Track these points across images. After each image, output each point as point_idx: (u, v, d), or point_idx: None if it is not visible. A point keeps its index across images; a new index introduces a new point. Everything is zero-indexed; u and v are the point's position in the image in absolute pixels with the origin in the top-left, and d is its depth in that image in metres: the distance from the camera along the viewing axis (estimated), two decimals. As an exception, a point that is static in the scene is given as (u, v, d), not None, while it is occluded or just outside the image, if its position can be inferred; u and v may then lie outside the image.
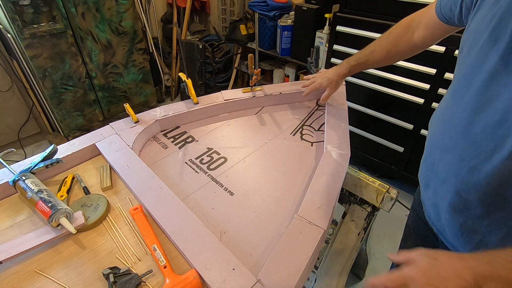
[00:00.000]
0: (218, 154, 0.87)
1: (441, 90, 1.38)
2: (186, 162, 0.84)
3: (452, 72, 1.31)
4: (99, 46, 2.00)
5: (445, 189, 0.55)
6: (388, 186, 0.84)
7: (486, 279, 0.37)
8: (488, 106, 0.46)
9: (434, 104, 1.43)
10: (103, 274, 0.53)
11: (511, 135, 0.42)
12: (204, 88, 2.76)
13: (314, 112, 1.05)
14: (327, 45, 1.78)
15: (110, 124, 0.90)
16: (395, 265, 0.54)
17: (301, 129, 0.97)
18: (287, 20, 2.07)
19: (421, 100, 1.46)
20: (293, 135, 0.94)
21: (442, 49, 1.30)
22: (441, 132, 0.57)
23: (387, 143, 1.69)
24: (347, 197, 0.94)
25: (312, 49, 1.05)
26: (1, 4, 1.57)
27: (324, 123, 0.97)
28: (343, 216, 0.98)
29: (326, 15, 1.79)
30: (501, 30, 0.43)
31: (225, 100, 1.02)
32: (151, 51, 2.64)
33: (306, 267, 0.55)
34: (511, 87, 0.43)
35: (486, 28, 0.46)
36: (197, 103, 1.00)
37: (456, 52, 1.27)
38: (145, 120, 0.92)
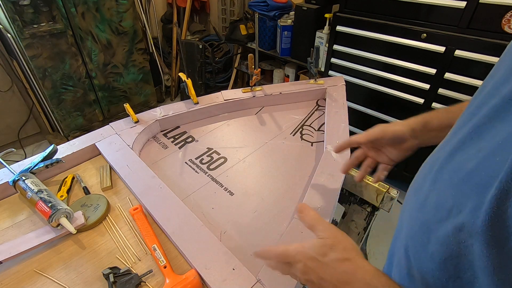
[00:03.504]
0: (218, 154, 0.87)
1: (441, 90, 1.38)
2: (186, 162, 0.84)
3: (452, 72, 1.32)
4: (99, 46, 2.00)
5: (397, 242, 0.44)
6: (388, 186, 0.84)
7: None
8: (467, 147, 0.34)
9: (434, 104, 1.43)
10: (103, 274, 0.53)
11: (485, 204, 0.28)
12: (204, 88, 2.76)
13: (314, 112, 1.05)
14: (327, 45, 1.78)
15: (110, 124, 0.90)
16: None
17: (301, 129, 0.97)
18: (287, 20, 2.07)
19: (421, 100, 1.46)
20: (293, 135, 0.94)
21: (442, 49, 1.30)
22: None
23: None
24: (347, 197, 0.94)
25: (312, 49, 1.05)
26: (1, 4, 1.57)
27: (324, 123, 0.97)
28: (343, 216, 0.98)
29: (326, 15, 1.79)
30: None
31: (225, 100, 1.02)
32: (151, 51, 2.64)
33: (306, 267, 0.55)
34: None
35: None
36: (197, 103, 1.00)
37: (456, 52, 1.27)
38: (145, 120, 0.92)
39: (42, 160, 0.72)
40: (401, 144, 0.56)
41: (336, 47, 1.68)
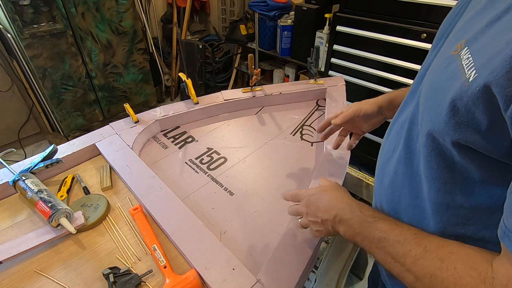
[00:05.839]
0: (218, 154, 0.87)
1: (441, 90, 1.38)
2: (186, 162, 0.84)
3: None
4: (99, 46, 2.00)
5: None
6: (388, 186, 0.84)
7: (341, 222, 0.46)
8: (406, 106, 0.48)
9: (434, 104, 1.42)
10: (103, 274, 0.53)
11: (403, 137, 0.44)
12: (204, 88, 2.76)
13: (314, 112, 1.05)
14: (327, 45, 1.78)
15: (110, 124, 0.90)
16: None
17: (301, 129, 0.97)
18: (287, 20, 2.07)
19: (421, 100, 1.46)
20: (293, 135, 0.94)
21: (442, 49, 1.30)
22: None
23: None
24: (347, 197, 0.94)
25: (312, 49, 1.05)
26: (1, 4, 1.57)
27: (324, 123, 0.96)
28: (343, 216, 0.98)
29: (326, 15, 1.79)
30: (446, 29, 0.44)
31: (225, 100, 1.02)
32: (151, 51, 2.64)
33: (306, 267, 0.55)
34: (425, 86, 0.42)
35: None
36: (197, 103, 1.00)
37: (456, 52, 1.27)
38: (145, 120, 0.92)
39: (42, 160, 0.72)
40: (370, 120, 0.69)
41: (336, 47, 1.68)
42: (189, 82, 0.99)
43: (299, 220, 0.54)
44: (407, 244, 0.37)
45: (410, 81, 1.46)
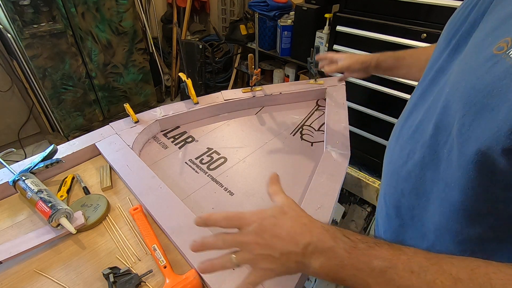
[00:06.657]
0: (218, 154, 0.87)
1: (441, 90, 1.38)
2: (186, 162, 0.84)
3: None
4: (99, 46, 2.01)
5: (381, 191, 0.55)
6: (388, 186, 0.84)
7: (316, 253, 0.33)
8: (417, 109, 0.46)
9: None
10: (103, 274, 0.53)
11: (421, 140, 0.42)
12: (204, 88, 2.76)
13: (314, 112, 1.05)
14: (327, 45, 1.78)
15: (110, 124, 0.90)
16: None
17: (301, 129, 0.97)
18: (287, 20, 2.07)
19: (421, 100, 1.46)
20: (293, 135, 0.94)
21: (442, 49, 1.30)
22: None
23: (387, 143, 1.69)
24: (347, 197, 0.94)
25: (312, 49, 1.05)
26: (1, 4, 1.57)
27: (324, 123, 0.97)
28: (343, 216, 0.98)
29: (326, 15, 1.79)
30: (456, 27, 0.43)
31: (225, 100, 1.02)
32: (151, 51, 2.64)
33: (306, 267, 0.55)
34: (440, 86, 0.41)
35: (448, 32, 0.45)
36: (197, 103, 1.00)
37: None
38: (145, 120, 0.92)
39: (42, 160, 0.72)
40: (355, 72, 0.80)
41: (336, 47, 1.68)
42: (189, 82, 0.99)
43: (233, 256, 0.38)
44: (426, 273, 0.29)
45: (410, 81, 1.46)
